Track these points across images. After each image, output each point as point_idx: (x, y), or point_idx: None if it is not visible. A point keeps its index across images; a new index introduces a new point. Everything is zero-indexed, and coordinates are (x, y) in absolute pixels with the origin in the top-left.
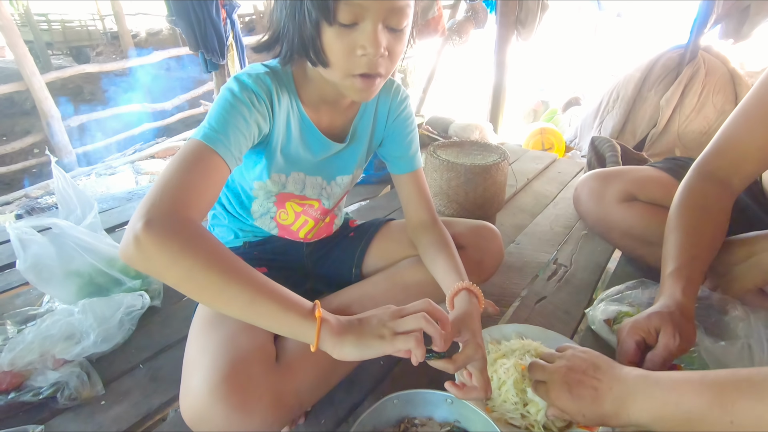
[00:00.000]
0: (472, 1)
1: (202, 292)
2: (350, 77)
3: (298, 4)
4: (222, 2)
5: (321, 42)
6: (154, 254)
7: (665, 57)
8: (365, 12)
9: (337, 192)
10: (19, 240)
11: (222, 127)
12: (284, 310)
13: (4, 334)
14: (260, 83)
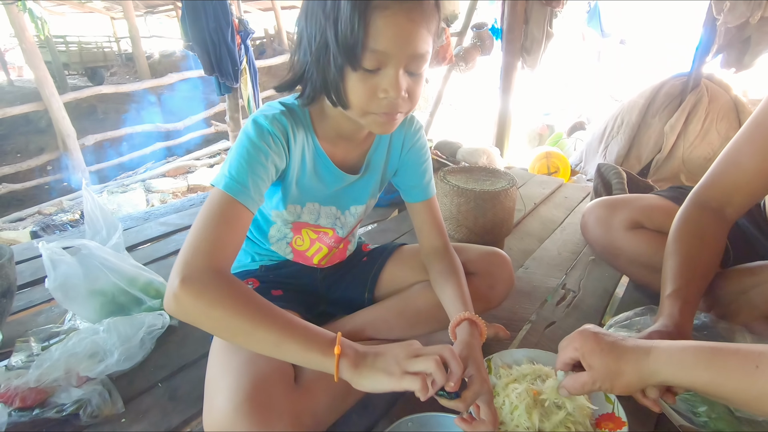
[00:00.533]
0: (478, 29)
1: (234, 337)
2: (371, 115)
3: (324, 50)
4: (237, 29)
5: (344, 85)
6: (190, 309)
7: (668, 84)
8: (389, 59)
9: (350, 221)
10: (50, 260)
11: (242, 176)
12: (307, 349)
13: (28, 351)
14: (276, 124)
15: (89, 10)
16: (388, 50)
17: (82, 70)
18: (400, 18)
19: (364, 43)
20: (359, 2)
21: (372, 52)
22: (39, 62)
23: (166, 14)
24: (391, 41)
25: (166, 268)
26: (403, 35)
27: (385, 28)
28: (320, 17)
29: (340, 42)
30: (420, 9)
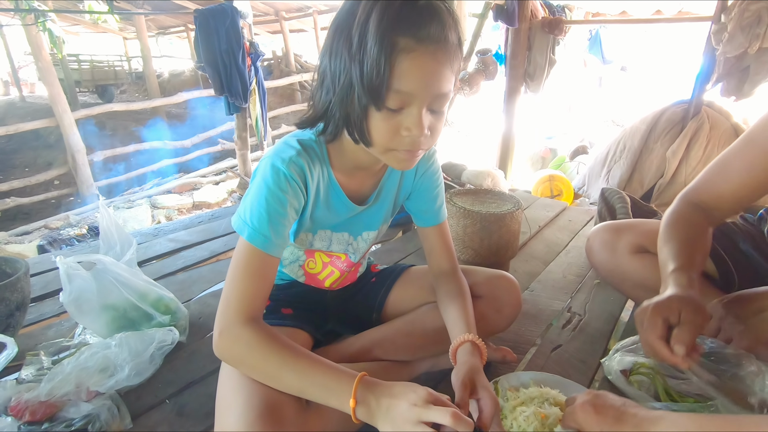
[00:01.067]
0: (483, 55)
1: (265, 381)
2: (393, 151)
3: (349, 89)
4: (248, 51)
5: (367, 124)
6: (227, 358)
7: (670, 111)
8: (413, 99)
9: (363, 247)
10: (66, 274)
11: (263, 226)
12: (327, 396)
13: (38, 365)
14: (293, 167)
15: (103, 30)
16: (413, 91)
17: (93, 88)
18: (425, 59)
19: (389, 84)
20: (385, 44)
21: (396, 92)
22: (54, 80)
23: (177, 35)
24: (416, 82)
25: (175, 283)
26: (428, 76)
27: (410, 70)
28: (345, 57)
29: (366, 82)
30: (444, 50)
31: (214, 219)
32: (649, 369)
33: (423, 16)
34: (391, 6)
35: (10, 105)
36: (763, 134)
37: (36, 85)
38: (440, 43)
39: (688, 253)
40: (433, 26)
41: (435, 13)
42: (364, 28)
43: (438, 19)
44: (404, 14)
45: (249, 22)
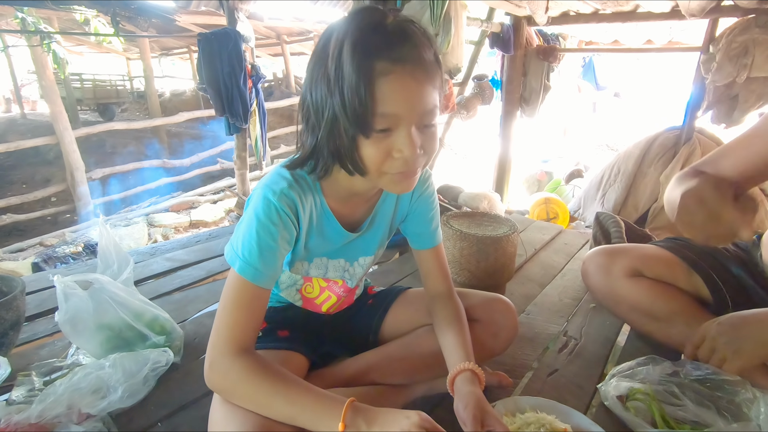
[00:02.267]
0: (479, 80)
1: (257, 410)
2: (387, 175)
3: (334, 122)
4: (249, 74)
5: (359, 153)
6: (218, 388)
7: (662, 137)
8: (400, 120)
9: (359, 272)
10: (63, 293)
11: (254, 259)
12: (317, 422)
13: (29, 385)
14: (285, 200)
15: (106, 50)
16: (398, 111)
17: (95, 106)
18: (405, 79)
19: (373, 109)
20: (362, 71)
21: (382, 116)
22: (56, 98)
23: (180, 56)
24: (399, 103)
25: (171, 303)
26: (410, 95)
27: (392, 92)
28: (325, 92)
29: (349, 112)
30: (422, 68)
31: (211, 238)
32: (645, 395)
33: (394, 39)
34: (361, 34)
35: (11, 122)
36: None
37: (37, 103)
38: (416, 62)
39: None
40: (405, 47)
41: (405, 35)
42: (338, 60)
43: (409, 41)
44: (375, 40)
45: (251, 45)
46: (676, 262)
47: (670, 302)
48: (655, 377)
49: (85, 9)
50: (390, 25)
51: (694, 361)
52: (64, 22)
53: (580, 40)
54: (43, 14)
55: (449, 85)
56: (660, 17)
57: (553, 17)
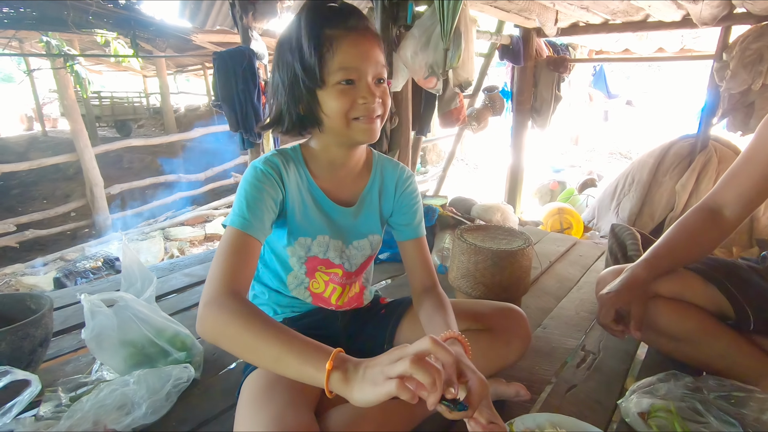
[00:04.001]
0: (490, 92)
1: (244, 353)
2: (354, 122)
3: (295, 82)
4: (263, 90)
5: (319, 105)
6: (209, 328)
7: (677, 145)
8: (359, 72)
9: (355, 255)
10: (90, 311)
11: (243, 211)
12: (303, 363)
13: (56, 401)
14: (269, 163)
15: (124, 69)
16: (356, 65)
17: (112, 123)
18: (358, 39)
19: (334, 65)
20: (316, 34)
21: (344, 69)
22: (77, 116)
23: (194, 73)
24: (356, 58)
25: (190, 318)
26: (364, 51)
27: (349, 49)
28: (288, 58)
29: (306, 67)
30: (370, 33)
31: None
32: (667, 412)
33: (345, 13)
34: (315, 11)
35: (33, 139)
36: (761, 151)
37: (58, 120)
38: (365, 29)
39: (666, 248)
40: (353, 18)
41: (353, 9)
42: (298, 31)
43: (356, 13)
44: (328, 14)
45: (265, 62)
46: (692, 276)
47: (687, 321)
48: (678, 393)
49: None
50: (339, 5)
51: (716, 377)
52: (84, 43)
53: (590, 49)
54: (65, 37)
55: (460, 98)
56: (671, 26)
57: (563, 28)
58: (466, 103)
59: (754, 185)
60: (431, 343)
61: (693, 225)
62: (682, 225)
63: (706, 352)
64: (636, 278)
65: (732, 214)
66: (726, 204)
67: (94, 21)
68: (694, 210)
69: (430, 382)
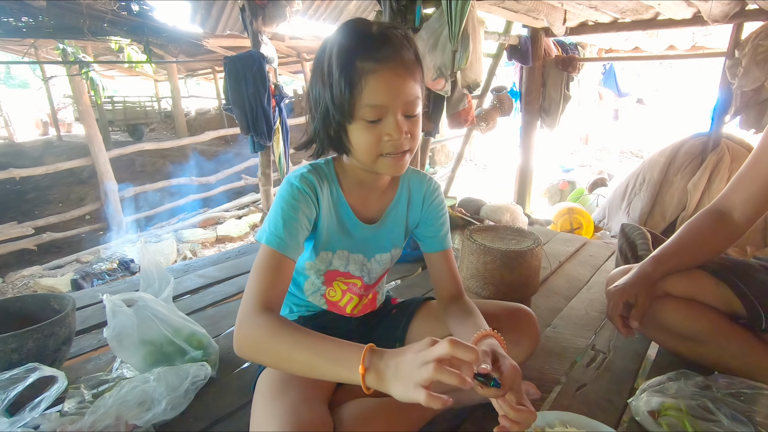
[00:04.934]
0: (498, 92)
1: (279, 365)
2: (381, 158)
3: (325, 112)
4: (273, 93)
5: (347, 137)
6: (245, 345)
7: (688, 144)
8: (386, 109)
9: (376, 269)
10: (111, 311)
11: (279, 229)
12: (337, 368)
13: (79, 398)
14: (304, 180)
15: (136, 74)
16: (384, 102)
17: (125, 127)
18: (388, 75)
19: (362, 100)
20: (347, 68)
21: (372, 107)
22: (91, 121)
23: (204, 77)
24: (384, 95)
25: (205, 318)
26: (394, 88)
27: (378, 86)
28: (320, 86)
29: (336, 102)
30: (402, 65)
31: (241, 255)
32: (678, 410)
33: (377, 43)
34: (349, 38)
35: (48, 144)
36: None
37: (72, 125)
38: (397, 61)
39: (674, 247)
40: (386, 49)
41: (386, 39)
42: (329, 61)
43: (390, 44)
44: (360, 43)
45: (274, 66)
46: (703, 275)
47: (698, 321)
48: (688, 392)
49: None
50: (374, 32)
51: (726, 375)
52: (98, 49)
53: (599, 48)
54: (80, 44)
55: (468, 99)
56: (681, 24)
57: (571, 27)
58: (475, 104)
59: (762, 189)
60: (450, 347)
61: (702, 227)
62: (691, 226)
63: (717, 352)
64: (644, 274)
65: (741, 218)
66: (735, 207)
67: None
68: (703, 212)
69: (457, 382)
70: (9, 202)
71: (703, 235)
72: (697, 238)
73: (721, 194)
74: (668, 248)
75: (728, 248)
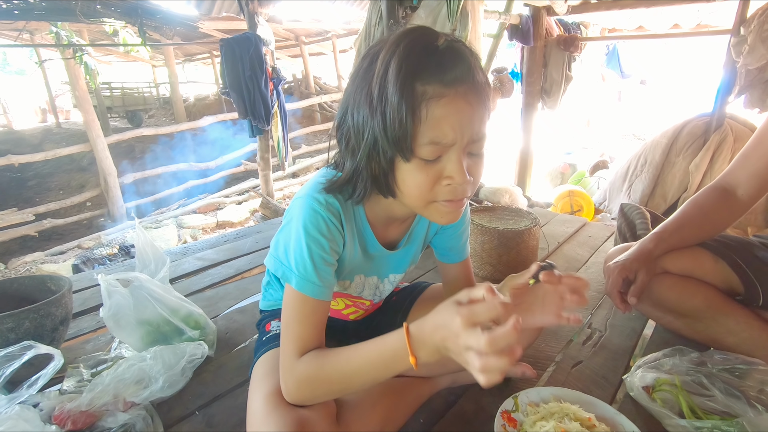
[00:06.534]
0: (498, 74)
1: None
2: (435, 203)
3: (373, 145)
4: (270, 76)
5: (394, 176)
6: (300, 394)
7: (691, 124)
8: (450, 147)
9: (388, 289)
10: (107, 291)
11: (312, 274)
12: (393, 369)
13: (78, 377)
14: (331, 209)
15: (134, 59)
16: (449, 137)
17: (123, 113)
18: (458, 103)
19: (421, 134)
20: (407, 93)
21: (432, 143)
22: (89, 107)
23: (202, 62)
24: (451, 129)
25: (203, 300)
26: (463, 120)
27: (443, 117)
28: (366, 113)
29: (390, 134)
30: (475, 90)
31: (239, 238)
32: (672, 386)
33: (447, 61)
34: (409, 55)
35: (47, 131)
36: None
37: (71, 112)
38: (470, 84)
39: (676, 224)
40: (458, 68)
41: (458, 55)
42: (383, 80)
43: (463, 62)
44: (425, 61)
45: (271, 48)
46: (701, 252)
47: (695, 297)
48: (683, 368)
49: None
50: (441, 46)
51: (721, 351)
52: (93, 33)
53: (602, 27)
54: (74, 27)
55: None
56: (686, 0)
57: (574, 6)
58: None
59: (766, 166)
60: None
61: (705, 203)
62: (694, 202)
63: (714, 328)
64: (644, 250)
65: (745, 195)
66: (739, 184)
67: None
68: (707, 189)
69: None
70: (10, 190)
71: (706, 212)
72: (700, 215)
73: (726, 171)
74: (670, 225)
75: (731, 225)
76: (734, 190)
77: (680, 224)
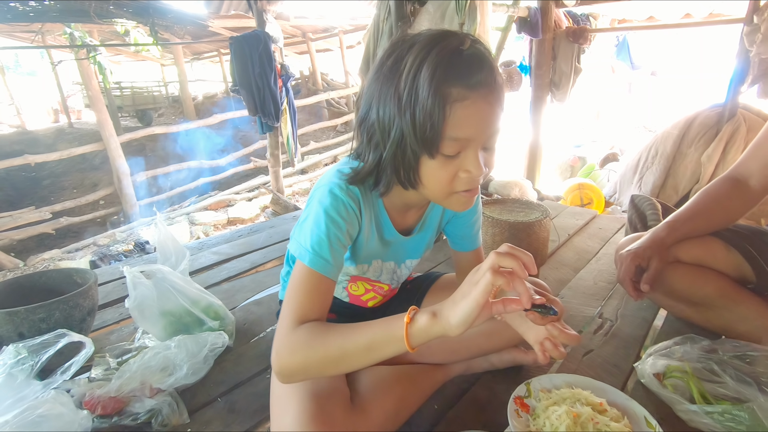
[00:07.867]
0: (507, 67)
1: (336, 368)
2: (453, 194)
3: (400, 142)
4: (279, 73)
5: (419, 171)
6: (291, 371)
7: (703, 115)
8: (469, 143)
9: (405, 274)
10: (132, 282)
11: (326, 251)
12: (390, 342)
13: (105, 365)
14: (351, 194)
15: (143, 58)
16: (470, 136)
17: (134, 112)
18: (479, 105)
19: (443, 133)
20: (439, 95)
21: (454, 140)
22: (101, 106)
23: (210, 60)
24: (472, 128)
25: (220, 293)
26: (483, 120)
27: (466, 117)
28: (394, 111)
29: (419, 133)
30: (495, 92)
31: (253, 233)
32: (683, 372)
33: (473, 65)
34: (442, 59)
35: (60, 131)
36: None
37: (82, 112)
38: (491, 86)
39: (689, 213)
40: (482, 73)
41: (482, 60)
42: (414, 81)
43: (486, 65)
44: (455, 65)
45: (280, 45)
46: (714, 241)
47: (707, 286)
48: (694, 355)
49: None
50: (467, 51)
51: (732, 339)
52: (104, 34)
53: (612, 18)
54: (86, 28)
55: None
56: None
57: None
58: None
59: None
60: (497, 257)
61: (717, 193)
62: (707, 193)
63: (726, 316)
64: (657, 239)
65: (758, 185)
66: (751, 175)
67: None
68: (719, 179)
69: (517, 264)
70: (26, 189)
71: (719, 201)
72: (712, 204)
73: (738, 161)
74: (682, 214)
75: (744, 215)
76: (747, 181)
77: (693, 214)
